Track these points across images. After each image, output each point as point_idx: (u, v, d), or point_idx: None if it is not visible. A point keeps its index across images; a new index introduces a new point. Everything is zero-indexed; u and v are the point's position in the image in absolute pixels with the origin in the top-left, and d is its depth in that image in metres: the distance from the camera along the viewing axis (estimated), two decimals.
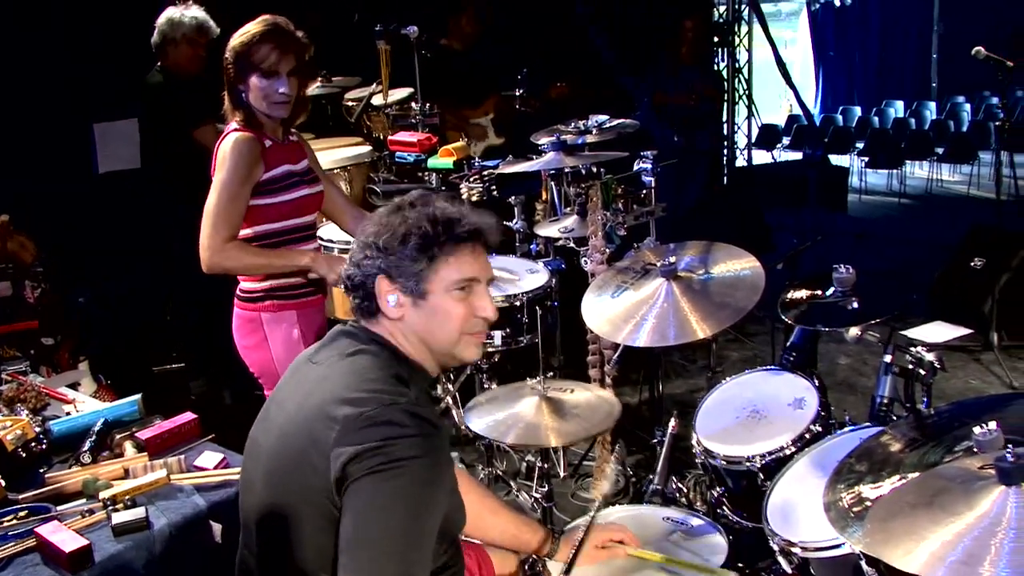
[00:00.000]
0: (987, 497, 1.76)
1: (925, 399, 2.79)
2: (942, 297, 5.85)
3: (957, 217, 8.45)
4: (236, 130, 3.07)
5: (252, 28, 3.05)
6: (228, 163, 3.01)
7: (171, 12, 4.79)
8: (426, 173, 4.88)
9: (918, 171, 12.05)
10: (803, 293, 3.21)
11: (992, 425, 1.92)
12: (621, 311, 3.13)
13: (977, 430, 1.92)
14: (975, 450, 1.93)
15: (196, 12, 4.80)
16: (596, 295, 3.29)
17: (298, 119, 3.25)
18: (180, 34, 4.79)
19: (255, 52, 3.02)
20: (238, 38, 3.05)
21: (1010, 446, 1.82)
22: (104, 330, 5.01)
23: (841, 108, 14.78)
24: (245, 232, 3.10)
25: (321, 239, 3.95)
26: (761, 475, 2.85)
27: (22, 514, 2.38)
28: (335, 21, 5.63)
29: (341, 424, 1.76)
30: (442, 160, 4.82)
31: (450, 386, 4.53)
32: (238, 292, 3.24)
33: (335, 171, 4.78)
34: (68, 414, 3.00)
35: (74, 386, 3.56)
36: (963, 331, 4.83)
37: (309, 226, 3.27)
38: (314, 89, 5.45)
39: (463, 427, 3.70)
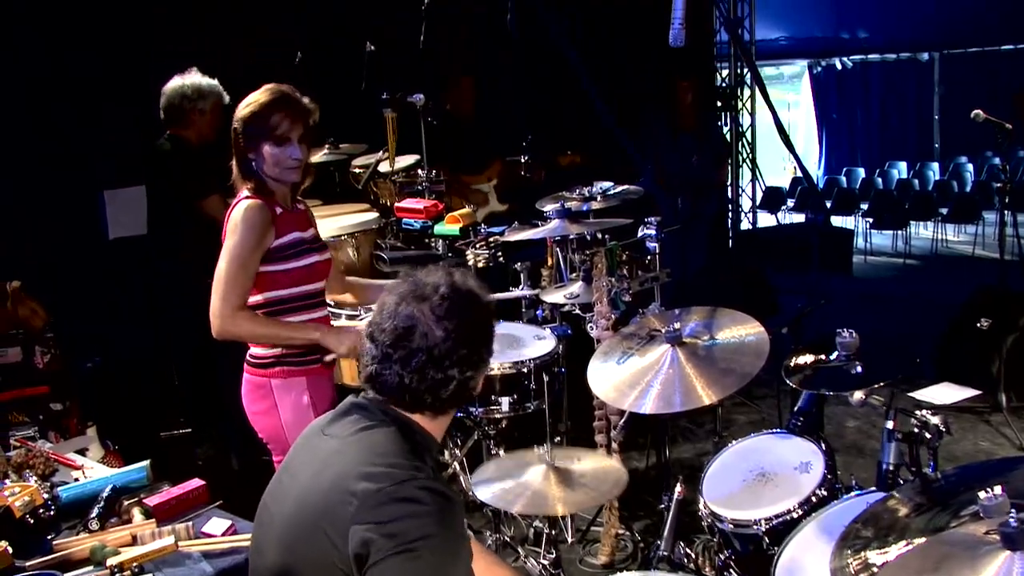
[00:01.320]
0: (992, 563, 1.75)
1: (931, 463, 2.79)
2: (949, 358, 5.84)
3: (962, 277, 8.47)
4: (247, 198, 3.10)
5: (260, 97, 3.09)
6: (239, 231, 3.03)
7: (195, 79, 4.70)
8: (433, 239, 4.92)
9: (923, 232, 12.11)
10: (808, 357, 3.22)
11: (997, 490, 1.91)
12: (627, 377, 3.13)
13: (983, 495, 1.91)
14: (981, 515, 1.93)
15: (212, 80, 4.75)
16: (602, 361, 3.30)
17: (304, 184, 3.29)
18: (211, 103, 4.71)
19: (267, 120, 3.05)
20: (247, 108, 3.09)
21: (1014, 511, 1.82)
22: (112, 395, 5.02)
23: (845, 169, 14.89)
24: (255, 298, 3.12)
25: (329, 305, 3.97)
26: (767, 539, 2.85)
27: None
28: (342, 89, 5.71)
29: (360, 499, 1.76)
30: (448, 227, 4.86)
31: (457, 451, 4.53)
32: (248, 358, 3.25)
33: (342, 238, 4.81)
34: (76, 480, 3.01)
35: (82, 452, 3.56)
36: (971, 392, 4.82)
37: (318, 293, 3.29)
38: (321, 156, 5.53)
39: (470, 493, 3.69)
